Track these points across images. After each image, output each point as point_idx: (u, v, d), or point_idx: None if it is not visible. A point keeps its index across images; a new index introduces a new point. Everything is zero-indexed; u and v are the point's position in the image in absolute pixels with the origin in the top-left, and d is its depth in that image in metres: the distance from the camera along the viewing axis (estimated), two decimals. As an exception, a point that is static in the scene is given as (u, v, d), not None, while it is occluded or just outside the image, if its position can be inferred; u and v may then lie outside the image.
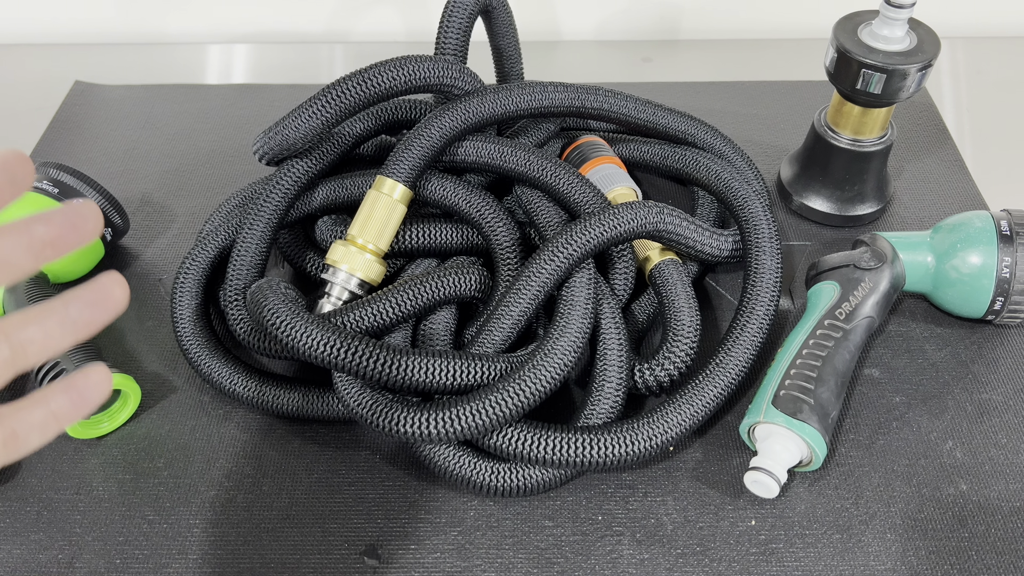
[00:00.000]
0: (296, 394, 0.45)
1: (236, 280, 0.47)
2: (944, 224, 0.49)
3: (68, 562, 0.40)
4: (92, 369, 0.25)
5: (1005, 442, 0.45)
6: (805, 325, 0.46)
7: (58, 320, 0.24)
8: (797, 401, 0.42)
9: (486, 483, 0.41)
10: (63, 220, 0.24)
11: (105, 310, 0.25)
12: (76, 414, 0.25)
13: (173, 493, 0.43)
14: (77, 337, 0.24)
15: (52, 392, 0.25)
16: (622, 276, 0.48)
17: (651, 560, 0.40)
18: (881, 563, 0.40)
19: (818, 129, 0.55)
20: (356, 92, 0.46)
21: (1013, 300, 0.47)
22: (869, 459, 0.44)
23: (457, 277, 0.45)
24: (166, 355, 0.49)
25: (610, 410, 0.42)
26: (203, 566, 0.40)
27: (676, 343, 0.44)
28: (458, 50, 0.52)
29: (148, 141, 0.64)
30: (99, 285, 0.25)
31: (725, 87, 0.69)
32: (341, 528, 0.42)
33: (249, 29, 0.78)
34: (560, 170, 0.48)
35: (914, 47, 0.49)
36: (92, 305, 0.24)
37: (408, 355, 0.39)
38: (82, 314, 0.24)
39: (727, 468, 0.44)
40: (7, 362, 0.23)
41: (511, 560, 0.40)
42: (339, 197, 0.50)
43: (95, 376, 0.25)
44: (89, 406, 0.25)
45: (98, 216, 0.25)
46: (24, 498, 0.43)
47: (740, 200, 0.50)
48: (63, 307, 0.24)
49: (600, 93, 0.52)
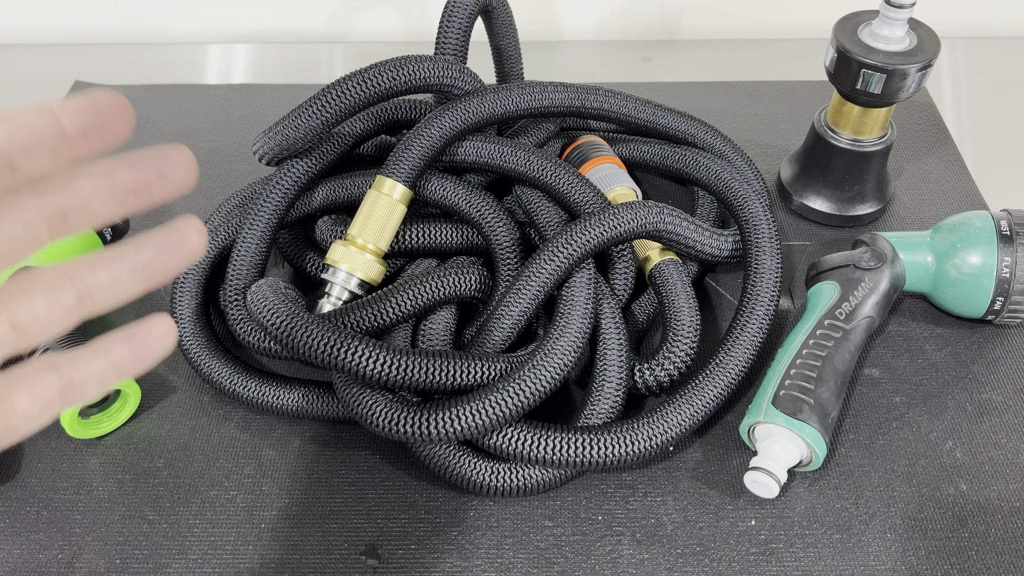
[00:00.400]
0: (296, 394, 0.45)
1: (236, 280, 0.47)
2: (944, 224, 0.49)
3: (68, 562, 0.40)
4: (155, 319, 0.23)
5: (1005, 442, 0.45)
6: (805, 325, 0.46)
7: (128, 265, 0.22)
8: (797, 401, 0.42)
9: (486, 483, 0.41)
10: (151, 166, 0.22)
11: (179, 257, 0.23)
12: (137, 367, 0.23)
13: (173, 493, 0.43)
14: (148, 285, 0.23)
15: (113, 342, 0.23)
16: (622, 276, 0.48)
17: (651, 560, 0.40)
18: (881, 563, 0.40)
19: (818, 129, 0.55)
20: (356, 92, 0.46)
21: (1013, 300, 0.47)
22: (869, 459, 0.44)
23: (457, 277, 0.45)
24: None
25: (610, 410, 0.42)
26: (203, 566, 0.40)
27: (676, 343, 0.45)
28: (458, 50, 0.52)
29: (148, 141, 0.64)
30: (175, 229, 0.23)
31: (725, 87, 0.69)
32: (341, 528, 0.42)
33: (249, 29, 0.78)
34: (560, 170, 0.48)
35: (914, 47, 0.49)
36: (166, 251, 0.23)
37: (408, 355, 0.39)
38: (154, 260, 0.22)
39: (727, 468, 0.44)
40: (71, 308, 0.21)
41: (511, 560, 0.40)
42: (339, 197, 0.50)
43: (159, 328, 0.23)
44: (150, 359, 0.23)
45: (191, 164, 0.22)
46: (24, 498, 0.43)
47: (740, 200, 0.50)
48: (134, 251, 0.22)
49: (600, 93, 0.52)
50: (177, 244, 0.23)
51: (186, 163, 0.22)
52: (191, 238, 0.23)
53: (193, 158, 0.23)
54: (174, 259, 0.23)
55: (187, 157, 0.22)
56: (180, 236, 0.23)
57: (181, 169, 0.22)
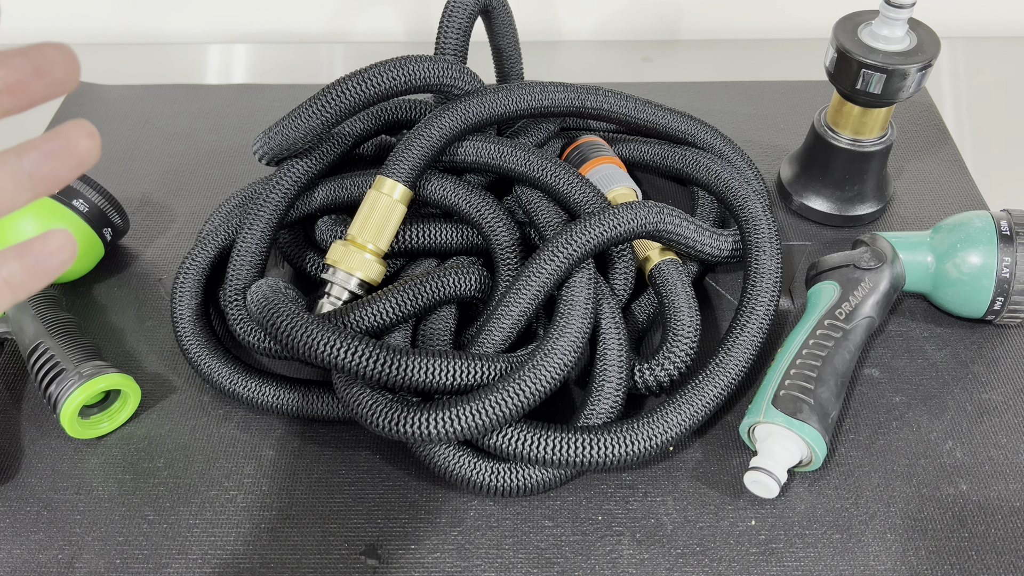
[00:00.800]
0: (296, 394, 0.45)
1: (236, 280, 0.47)
2: (944, 224, 0.49)
3: (68, 562, 0.40)
4: (52, 233, 0.21)
5: (1005, 442, 0.45)
6: (805, 325, 0.46)
7: (9, 171, 0.20)
8: (797, 401, 0.42)
9: (486, 483, 0.41)
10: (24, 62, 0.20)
11: (67, 164, 0.21)
12: (32, 283, 0.21)
13: (173, 493, 0.43)
14: (36, 193, 0.21)
15: (4, 257, 0.21)
16: (622, 276, 0.48)
17: (651, 560, 0.40)
18: (881, 563, 0.40)
19: (818, 129, 0.55)
20: (356, 92, 0.46)
21: (1013, 300, 0.47)
22: (869, 459, 0.44)
23: (457, 277, 0.45)
24: (166, 355, 0.49)
25: (610, 410, 0.42)
26: (203, 566, 0.40)
27: (676, 343, 0.45)
28: (458, 50, 0.52)
29: (148, 141, 0.64)
30: (61, 133, 0.21)
31: (725, 87, 0.69)
32: (341, 528, 0.42)
33: (249, 29, 0.78)
34: (560, 170, 0.48)
35: (914, 47, 0.49)
36: (52, 157, 0.21)
37: (408, 355, 0.39)
38: (39, 167, 0.21)
39: (727, 468, 0.44)
40: None
41: (511, 560, 0.40)
42: (339, 197, 0.50)
43: (55, 240, 0.21)
44: (46, 275, 0.22)
45: (71, 61, 0.21)
46: (24, 498, 0.43)
47: (740, 200, 0.50)
48: (15, 157, 0.20)
49: (600, 93, 0.52)
50: (65, 149, 0.21)
51: (66, 59, 0.21)
52: (81, 143, 0.21)
53: (74, 55, 0.21)
54: (63, 166, 0.21)
55: (66, 53, 0.21)
56: (68, 140, 0.21)
57: (61, 66, 0.21)
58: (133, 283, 0.54)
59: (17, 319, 0.47)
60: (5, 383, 0.48)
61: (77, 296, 0.53)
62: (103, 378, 0.44)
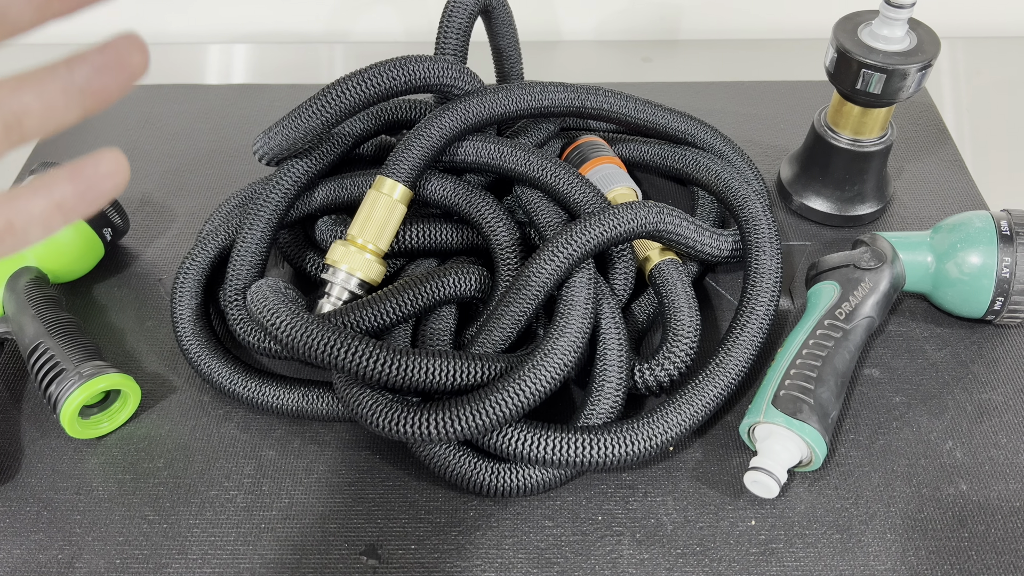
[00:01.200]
0: (296, 394, 0.45)
1: (236, 280, 0.47)
2: (944, 224, 0.49)
3: (68, 562, 0.40)
4: (103, 154, 0.20)
5: (1005, 442, 0.45)
6: (805, 325, 0.46)
7: (61, 86, 0.19)
8: (797, 401, 0.42)
9: (486, 483, 0.41)
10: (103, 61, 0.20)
11: (120, 77, 0.20)
12: (84, 207, 0.20)
13: (173, 493, 0.43)
14: (85, 110, 0.20)
15: (55, 179, 0.20)
16: (622, 276, 0.48)
17: (651, 560, 0.40)
18: (881, 563, 0.40)
19: (818, 129, 0.55)
20: (356, 92, 0.46)
21: (1013, 300, 0.47)
22: (869, 459, 0.44)
23: (457, 277, 0.45)
24: (166, 355, 0.49)
25: (610, 410, 0.42)
26: (203, 566, 0.40)
27: (676, 343, 0.44)
28: (458, 50, 0.52)
29: (148, 141, 0.64)
30: (112, 46, 0.20)
31: (725, 87, 0.69)
32: (341, 528, 0.42)
33: (249, 29, 0.78)
34: (560, 170, 0.48)
35: (914, 47, 0.49)
36: (103, 70, 0.20)
37: (408, 355, 0.39)
38: (91, 81, 0.20)
39: (727, 468, 0.44)
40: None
41: (511, 560, 0.40)
42: (339, 197, 0.50)
43: (107, 163, 0.20)
44: (99, 199, 0.21)
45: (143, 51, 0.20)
46: (24, 498, 0.43)
47: (740, 200, 0.50)
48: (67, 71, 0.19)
49: (600, 93, 0.52)
50: (116, 62, 0.20)
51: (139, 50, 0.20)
52: (133, 56, 0.20)
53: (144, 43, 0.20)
54: (114, 80, 0.20)
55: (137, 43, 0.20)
56: (119, 53, 0.20)
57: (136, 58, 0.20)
58: (133, 283, 0.54)
59: (17, 319, 0.47)
60: (5, 383, 0.48)
61: (77, 296, 0.53)
62: (103, 378, 0.44)
